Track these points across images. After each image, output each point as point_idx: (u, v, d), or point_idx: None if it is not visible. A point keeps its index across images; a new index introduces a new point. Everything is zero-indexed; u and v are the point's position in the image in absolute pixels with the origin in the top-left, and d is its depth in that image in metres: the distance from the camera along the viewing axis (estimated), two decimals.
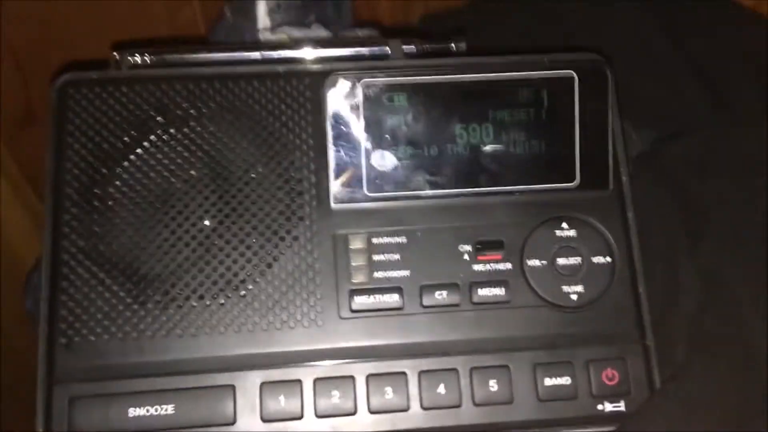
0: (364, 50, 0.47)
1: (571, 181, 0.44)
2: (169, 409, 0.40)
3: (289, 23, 0.59)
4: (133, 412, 0.40)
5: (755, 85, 0.51)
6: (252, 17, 0.59)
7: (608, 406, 0.41)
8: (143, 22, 0.66)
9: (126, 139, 0.43)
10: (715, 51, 0.54)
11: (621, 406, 0.41)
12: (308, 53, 0.47)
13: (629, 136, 0.56)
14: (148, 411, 0.40)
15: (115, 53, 0.46)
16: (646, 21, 0.57)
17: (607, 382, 0.42)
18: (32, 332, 0.60)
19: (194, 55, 0.47)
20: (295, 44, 0.48)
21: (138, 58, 0.46)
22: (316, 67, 0.45)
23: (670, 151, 0.52)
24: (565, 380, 0.42)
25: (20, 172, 0.72)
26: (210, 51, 0.47)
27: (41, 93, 0.68)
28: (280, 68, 0.45)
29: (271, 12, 0.60)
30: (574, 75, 0.44)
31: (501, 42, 0.61)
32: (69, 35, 0.66)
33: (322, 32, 0.58)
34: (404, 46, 0.47)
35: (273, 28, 0.58)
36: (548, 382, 0.41)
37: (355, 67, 0.44)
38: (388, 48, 0.47)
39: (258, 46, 0.49)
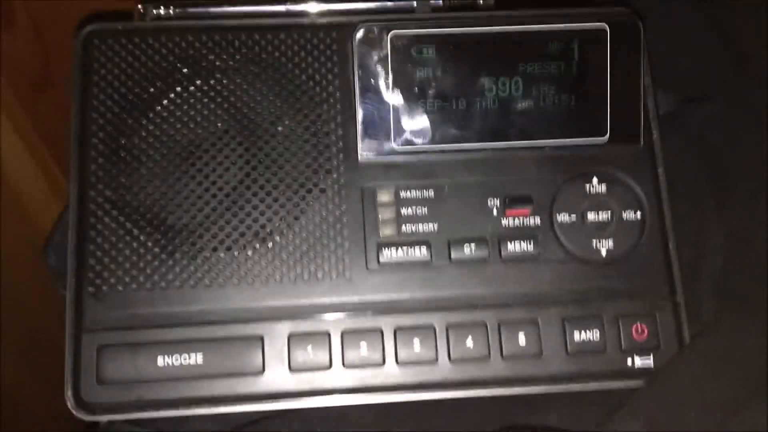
0: (390, 3, 0.47)
1: (602, 136, 0.43)
2: (197, 358, 0.40)
3: None
4: (162, 360, 0.40)
5: None
6: None
7: (637, 361, 0.41)
8: None
9: (152, 90, 0.43)
10: (738, 13, 0.53)
11: (650, 361, 0.41)
12: (334, 5, 0.46)
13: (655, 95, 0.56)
14: (176, 360, 0.40)
15: (139, 5, 0.46)
16: None
17: (636, 336, 0.41)
18: (55, 291, 0.60)
19: (219, 9, 0.46)
20: None
21: (162, 10, 0.46)
22: (342, 19, 0.44)
23: (694, 112, 0.51)
24: (594, 334, 0.41)
25: (38, 135, 0.72)
26: (235, 3, 0.47)
27: (59, 56, 0.68)
28: (306, 20, 0.45)
29: None
30: (607, 27, 0.43)
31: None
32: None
33: None
34: (431, 1, 0.47)
35: None
36: (577, 336, 0.41)
37: (383, 19, 0.43)
38: (414, 2, 0.47)
39: None
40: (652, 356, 0.41)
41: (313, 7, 0.46)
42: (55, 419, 0.87)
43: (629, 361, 0.41)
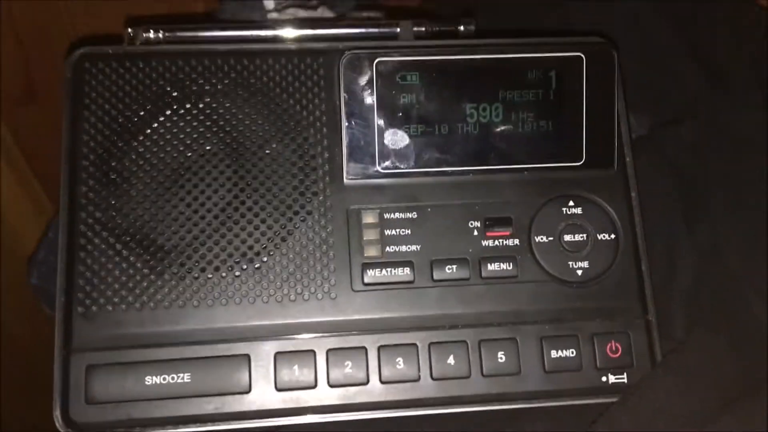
0: (375, 30, 0.48)
1: (578, 161, 0.45)
2: (185, 377, 0.41)
3: (295, 5, 0.60)
4: (150, 380, 0.40)
5: (752, 69, 0.52)
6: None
7: (611, 378, 0.43)
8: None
9: (142, 113, 0.44)
10: (714, 36, 0.55)
11: (624, 378, 0.43)
12: (321, 32, 0.47)
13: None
14: (164, 379, 0.41)
15: (129, 29, 0.47)
16: (646, 7, 0.58)
17: (611, 354, 0.43)
18: (35, 308, 0.61)
19: (208, 33, 0.47)
20: (307, 23, 0.49)
21: (152, 34, 0.47)
22: (329, 45, 0.46)
23: (668, 134, 0.53)
24: (571, 353, 0.43)
25: (20, 151, 0.72)
26: (223, 28, 0.48)
27: (42, 71, 0.69)
28: (294, 46, 0.46)
29: None
30: (583, 56, 0.45)
31: (501, 22, 0.63)
32: (70, 13, 0.66)
33: (327, 13, 0.59)
34: (414, 27, 0.48)
35: (279, 9, 0.59)
36: (554, 354, 0.43)
37: (368, 46, 0.45)
38: (398, 29, 0.48)
39: (270, 24, 0.50)
40: (625, 373, 0.43)
41: (300, 33, 0.48)
42: None
43: (604, 378, 0.43)
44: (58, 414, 0.40)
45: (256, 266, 0.42)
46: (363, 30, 0.48)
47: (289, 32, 0.48)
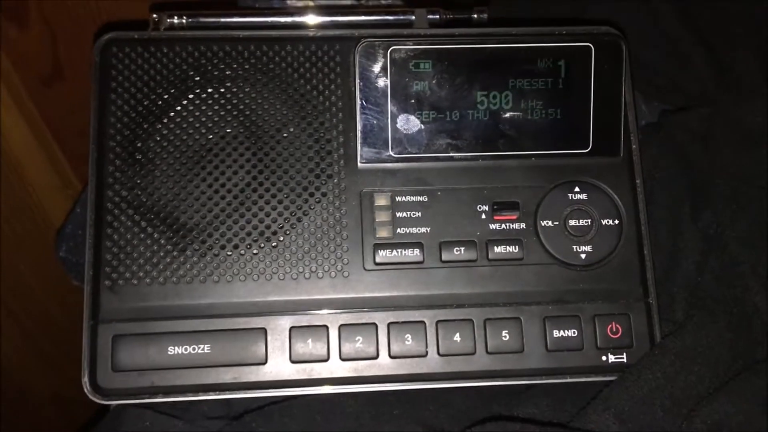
0: (390, 18, 0.50)
1: (585, 148, 0.47)
2: (205, 348, 0.43)
3: None
4: (172, 350, 0.43)
5: (759, 59, 0.53)
6: None
7: (611, 358, 0.45)
8: None
9: (166, 96, 0.46)
10: (723, 27, 0.56)
11: (623, 358, 0.45)
12: (339, 19, 0.49)
13: (638, 106, 0.59)
14: (185, 350, 0.43)
15: (154, 14, 0.48)
16: (658, 2, 0.59)
17: (612, 335, 0.45)
18: (62, 279, 0.63)
19: (229, 19, 0.49)
20: (324, 10, 0.50)
21: (175, 20, 0.48)
22: (346, 32, 0.47)
23: (676, 122, 0.54)
24: (573, 332, 0.45)
25: (48, 127, 0.75)
26: (244, 14, 0.50)
27: (69, 51, 0.71)
28: (311, 33, 0.47)
29: None
30: (592, 47, 0.46)
31: (515, 11, 0.64)
32: None
33: None
34: (429, 15, 0.49)
35: None
36: (556, 333, 0.45)
37: (383, 35, 0.46)
38: (413, 16, 0.49)
39: (289, 10, 0.51)
40: (625, 353, 0.45)
41: (317, 20, 0.49)
42: (57, 401, 0.90)
43: (604, 357, 0.45)
44: (86, 380, 0.42)
45: (273, 245, 0.44)
46: (379, 17, 0.50)
47: (307, 19, 0.49)
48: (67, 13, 0.69)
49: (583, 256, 0.46)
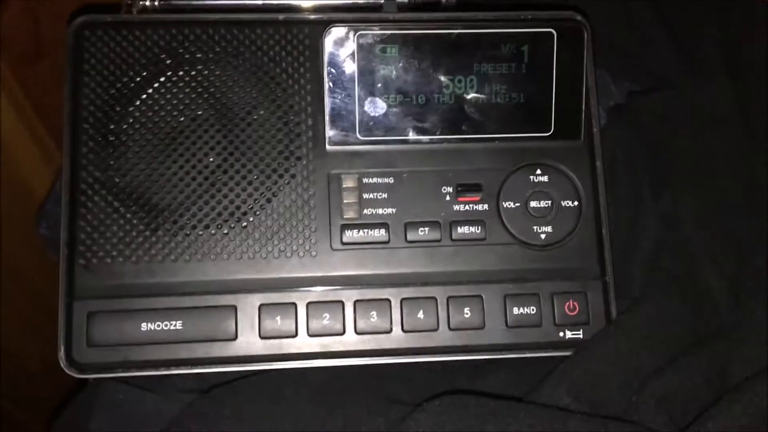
0: (360, 1, 0.51)
1: (547, 131, 0.48)
2: (177, 324, 0.45)
3: None
4: (145, 326, 0.44)
5: (720, 45, 0.54)
6: None
7: (568, 334, 0.46)
8: None
9: (138, 79, 0.47)
10: (687, 12, 0.57)
11: (580, 334, 0.46)
12: (307, 3, 0.50)
13: (608, 87, 0.60)
14: (158, 326, 0.45)
15: None
16: None
17: (569, 312, 0.47)
18: (42, 254, 0.65)
19: (200, 2, 0.50)
20: None
21: (148, 2, 0.49)
22: (314, 16, 0.48)
23: (641, 104, 0.56)
24: (531, 310, 0.46)
25: (30, 105, 0.75)
26: None
27: (50, 29, 0.72)
28: (281, 16, 0.48)
29: None
30: (554, 32, 0.47)
31: None
32: None
33: None
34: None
35: None
36: (516, 311, 0.46)
37: (351, 19, 0.47)
38: (382, 0, 0.50)
39: None
40: (582, 330, 0.47)
41: (287, 3, 0.50)
42: (49, 371, 0.92)
43: (561, 333, 0.46)
44: (62, 355, 0.44)
45: (243, 225, 0.46)
46: (348, 1, 0.51)
47: (277, 2, 0.50)
48: None
49: (543, 236, 0.47)
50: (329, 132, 0.47)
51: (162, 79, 0.47)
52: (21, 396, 0.94)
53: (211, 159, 0.46)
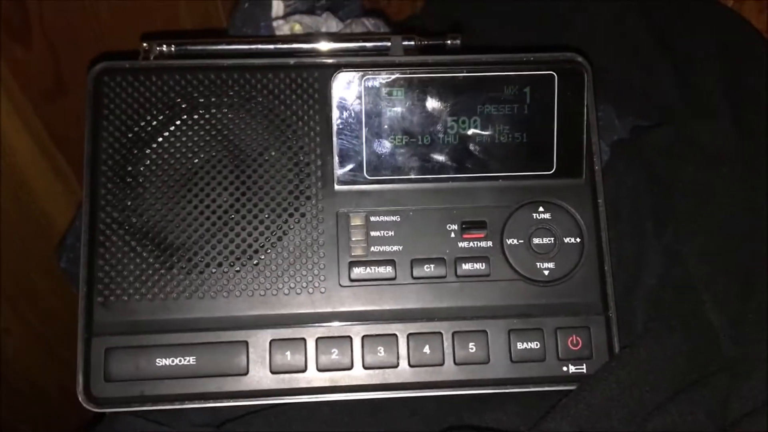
0: (368, 45, 0.52)
1: (549, 170, 0.49)
2: (191, 360, 0.46)
3: (301, 10, 0.64)
4: (160, 362, 0.46)
5: (723, 81, 0.55)
6: (266, 3, 0.64)
7: (572, 368, 0.47)
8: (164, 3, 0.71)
9: (155, 123, 0.49)
10: (691, 49, 0.58)
11: (583, 369, 0.47)
12: (318, 46, 0.52)
13: (612, 122, 0.62)
14: (173, 361, 0.46)
15: (144, 44, 0.51)
16: (632, 19, 0.61)
17: (572, 347, 0.48)
18: (62, 283, 0.67)
19: (214, 47, 0.52)
20: (306, 38, 0.53)
21: (164, 48, 0.51)
22: (324, 60, 0.50)
23: (645, 139, 0.57)
24: (535, 345, 0.47)
25: (51, 139, 0.78)
26: (228, 43, 0.53)
27: (71, 67, 0.74)
28: (292, 61, 0.50)
29: None
30: (555, 75, 0.49)
31: (496, 27, 0.66)
32: (93, 11, 0.71)
33: (331, 21, 0.63)
34: (404, 42, 0.52)
35: (286, 16, 0.63)
36: (520, 345, 0.47)
37: (358, 63, 0.49)
38: (389, 43, 0.52)
39: (272, 39, 0.54)
40: (585, 364, 0.47)
41: (298, 47, 0.52)
42: (66, 398, 0.94)
43: (565, 368, 0.47)
44: (80, 389, 0.46)
45: (255, 263, 0.47)
46: (357, 44, 0.53)
47: (288, 45, 0.52)
48: (68, 31, 0.72)
49: (546, 272, 0.48)
50: (338, 172, 0.49)
51: (177, 122, 0.49)
52: (39, 421, 0.96)
53: (224, 199, 0.48)
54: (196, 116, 0.49)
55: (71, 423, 0.97)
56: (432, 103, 0.49)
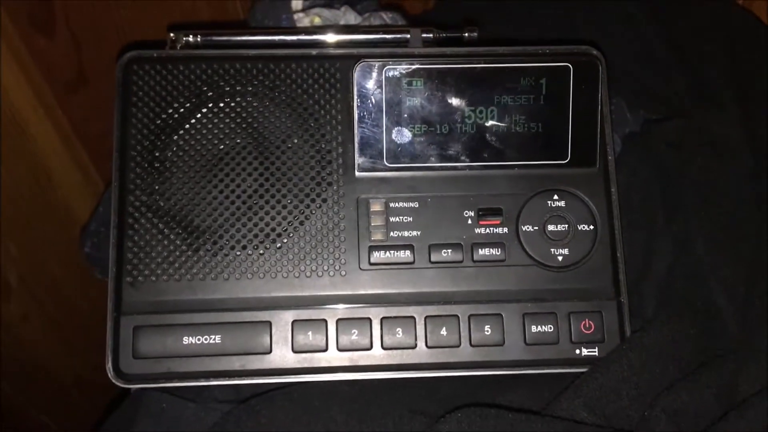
0: (388, 36, 0.54)
1: (564, 159, 0.51)
2: (216, 338, 0.48)
3: (320, 3, 0.66)
4: (187, 340, 0.48)
5: (728, 75, 0.57)
6: None
7: (584, 351, 0.49)
8: None
9: (182, 110, 0.50)
10: (699, 44, 0.60)
11: (595, 352, 0.49)
12: (339, 38, 0.53)
13: (624, 115, 0.63)
14: (199, 340, 0.48)
15: (171, 33, 0.53)
16: (642, 18, 0.63)
17: (585, 331, 0.49)
18: (85, 272, 0.68)
19: (239, 38, 0.54)
20: (327, 29, 0.55)
21: (191, 38, 0.53)
22: (345, 51, 0.52)
23: (655, 132, 0.58)
24: (549, 328, 0.49)
25: (72, 130, 0.80)
26: (252, 34, 0.54)
27: (92, 58, 0.76)
28: (314, 52, 0.52)
29: None
30: (570, 67, 0.50)
31: (506, 28, 0.68)
32: (114, 2, 0.73)
33: (350, 14, 0.65)
34: (423, 34, 0.54)
35: (305, 9, 0.65)
36: (534, 329, 0.49)
37: (379, 54, 0.51)
38: (408, 35, 0.54)
39: (295, 30, 0.56)
40: (597, 348, 0.49)
41: (320, 38, 0.54)
42: (79, 384, 0.96)
43: (578, 351, 0.49)
44: (110, 366, 0.47)
45: (278, 246, 0.49)
46: (378, 36, 0.54)
47: (311, 36, 0.54)
48: (90, 23, 0.73)
49: (560, 258, 0.50)
50: (358, 159, 0.50)
51: (204, 110, 0.50)
52: (54, 409, 0.98)
53: (249, 184, 0.50)
54: (221, 104, 0.51)
55: (85, 411, 0.99)
56: (450, 94, 0.50)
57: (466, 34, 0.54)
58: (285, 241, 0.49)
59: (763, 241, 0.52)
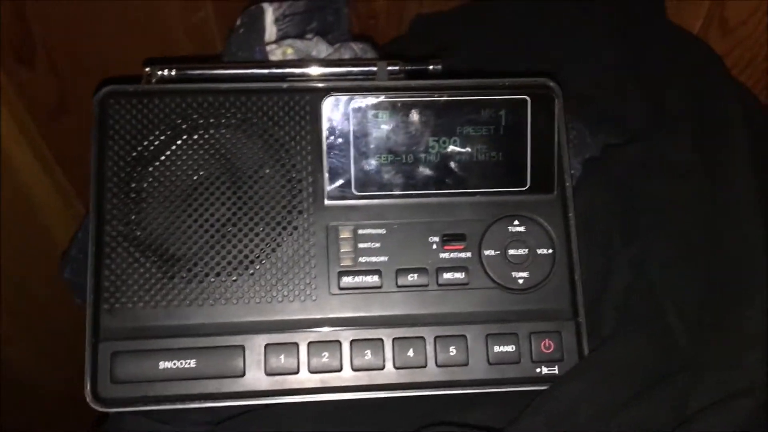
0: (355, 69, 0.56)
1: (523, 186, 0.53)
2: (191, 362, 0.49)
3: (292, 35, 0.68)
4: (163, 364, 0.49)
5: (686, 100, 0.60)
6: (260, 29, 0.68)
7: (544, 370, 0.51)
8: (158, 22, 0.75)
9: (157, 143, 0.52)
10: (661, 73, 0.63)
11: (555, 370, 0.51)
12: (309, 71, 0.56)
13: (584, 141, 0.66)
14: (174, 364, 0.49)
15: (146, 68, 0.55)
16: (606, 46, 0.66)
17: (545, 350, 0.51)
18: (67, 292, 0.70)
19: (212, 71, 0.56)
20: (298, 62, 0.57)
21: (166, 72, 0.55)
22: (314, 85, 0.54)
23: (614, 155, 0.61)
24: (511, 348, 0.51)
25: (53, 156, 0.81)
26: (225, 68, 0.57)
27: (73, 86, 0.78)
28: (285, 85, 0.54)
29: (277, 21, 0.68)
30: (528, 99, 0.53)
31: (482, 47, 0.70)
32: (94, 34, 0.75)
33: (321, 45, 0.67)
34: (389, 67, 0.56)
35: (278, 41, 0.67)
36: (497, 349, 0.51)
37: (347, 87, 0.53)
38: (375, 68, 0.56)
39: (266, 64, 0.58)
40: (557, 366, 0.51)
41: (292, 71, 0.56)
42: (63, 400, 0.97)
43: (538, 369, 0.51)
44: (88, 390, 0.49)
45: (251, 272, 0.51)
46: (345, 69, 0.57)
47: (281, 69, 0.56)
48: (71, 54, 0.75)
49: (520, 281, 0.52)
50: (328, 188, 0.52)
51: (179, 142, 0.52)
52: (36, 423, 0.99)
53: (222, 213, 0.52)
54: (195, 136, 0.53)
55: (70, 430, 1.00)
56: (415, 125, 0.53)
57: (431, 67, 0.57)
58: (257, 267, 0.51)
59: (714, 260, 0.54)
